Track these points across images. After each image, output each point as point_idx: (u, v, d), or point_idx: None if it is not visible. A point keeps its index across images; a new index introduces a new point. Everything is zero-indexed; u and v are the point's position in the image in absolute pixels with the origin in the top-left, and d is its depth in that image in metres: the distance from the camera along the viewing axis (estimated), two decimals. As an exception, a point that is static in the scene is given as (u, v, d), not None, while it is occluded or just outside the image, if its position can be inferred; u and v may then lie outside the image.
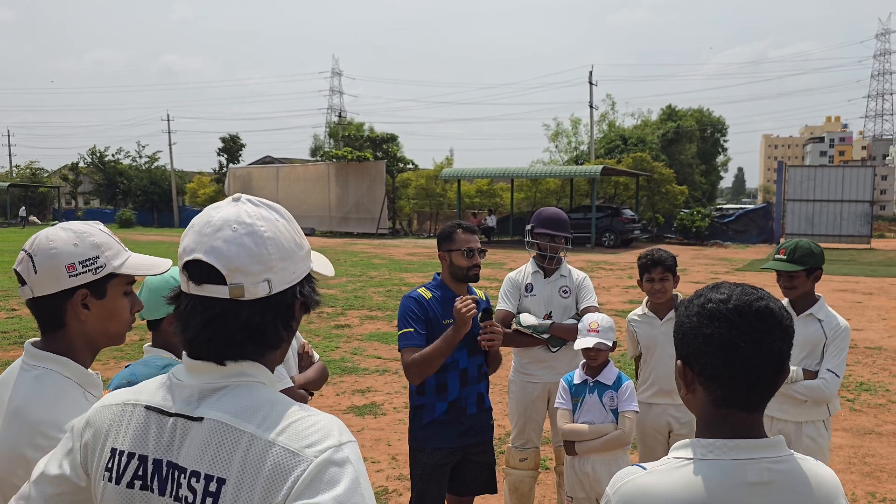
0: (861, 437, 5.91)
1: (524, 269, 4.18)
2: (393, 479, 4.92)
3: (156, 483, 1.14)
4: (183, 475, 1.12)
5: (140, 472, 1.16)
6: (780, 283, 3.44)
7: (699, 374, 1.36)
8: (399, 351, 3.25)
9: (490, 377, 3.47)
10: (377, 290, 14.46)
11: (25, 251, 1.59)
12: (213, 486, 1.09)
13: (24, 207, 46.97)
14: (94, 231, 1.64)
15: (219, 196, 43.13)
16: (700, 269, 18.94)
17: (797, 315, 3.42)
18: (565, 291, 4.05)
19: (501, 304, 4.11)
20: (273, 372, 1.25)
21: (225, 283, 1.15)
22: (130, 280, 1.69)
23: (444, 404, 3.26)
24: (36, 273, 1.57)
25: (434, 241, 3.41)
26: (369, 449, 5.53)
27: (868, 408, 6.71)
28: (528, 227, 4.20)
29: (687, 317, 1.39)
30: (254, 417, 1.12)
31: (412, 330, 3.19)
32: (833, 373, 3.32)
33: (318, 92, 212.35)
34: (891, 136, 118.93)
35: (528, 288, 4.08)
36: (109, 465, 1.18)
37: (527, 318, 4.00)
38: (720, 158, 59.66)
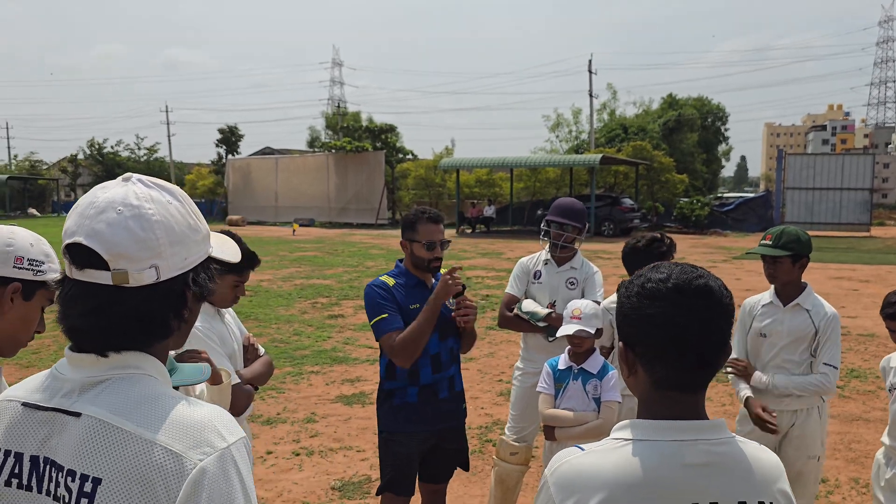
0: (849, 423, 5.89)
1: (538, 255, 4.17)
2: (376, 467, 4.91)
3: (34, 480, 1.10)
4: (61, 473, 1.07)
5: (16, 470, 1.11)
6: (765, 270, 3.39)
7: (641, 355, 1.34)
8: (379, 339, 3.14)
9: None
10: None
11: None
12: (87, 487, 1.04)
13: None
14: (46, 242, 1.72)
15: (217, 188, 43.06)
16: (698, 257, 18.89)
17: (784, 306, 3.38)
18: (572, 283, 4.01)
19: (510, 288, 4.13)
20: (165, 363, 1.18)
21: (108, 269, 1.09)
22: (51, 299, 1.68)
23: (416, 388, 3.18)
24: None
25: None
26: (354, 437, 5.53)
27: (857, 394, 6.70)
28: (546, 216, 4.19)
29: (627, 297, 1.37)
30: (134, 414, 1.06)
31: (386, 315, 3.10)
32: (831, 366, 3.30)
33: (318, 83, 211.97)
34: (893, 124, 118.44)
35: (537, 275, 4.08)
36: None
37: (528, 305, 3.99)
38: (722, 147, 59.35)
